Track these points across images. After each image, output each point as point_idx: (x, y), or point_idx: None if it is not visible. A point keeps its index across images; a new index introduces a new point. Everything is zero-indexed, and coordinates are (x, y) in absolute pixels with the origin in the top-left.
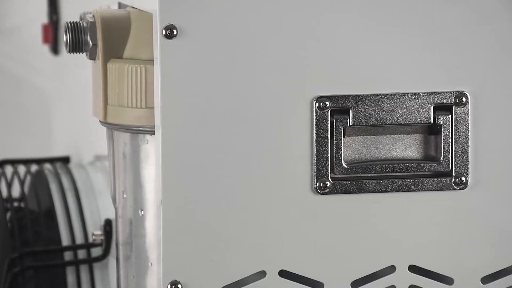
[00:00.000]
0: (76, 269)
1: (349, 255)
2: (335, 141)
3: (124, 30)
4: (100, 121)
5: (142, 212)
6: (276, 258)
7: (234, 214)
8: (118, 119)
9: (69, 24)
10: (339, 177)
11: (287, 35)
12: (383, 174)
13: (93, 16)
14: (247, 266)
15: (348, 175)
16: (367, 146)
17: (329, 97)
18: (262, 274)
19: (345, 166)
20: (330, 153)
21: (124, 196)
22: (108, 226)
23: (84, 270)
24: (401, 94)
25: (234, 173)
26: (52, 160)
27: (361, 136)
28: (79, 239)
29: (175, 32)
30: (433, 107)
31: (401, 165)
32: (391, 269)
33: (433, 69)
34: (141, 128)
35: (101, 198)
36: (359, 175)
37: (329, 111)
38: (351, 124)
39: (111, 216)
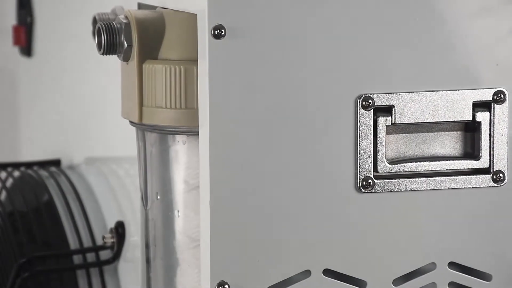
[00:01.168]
0: (86, 272)
1: (391, 253)
2: (378, 140)
3: (158, 31)
4: (131, 122)
5: (179, 213)
6: (320, 257)
7: (280, 214)
8: (155, 120)
9: (103, 26)
10: (382, 175)
11: (333, 33)
12: (423, 172)
13: (126, 17)
14: (292, 265)
15: (390, 173)
16: (406, 144)
17: (372, 96)
18: (306, 273)
19: (388, 165)
20: (373, 152)
21: (158, 197)
22: (120, 228)
23: (94, 273)
24: (442, 91)
25: (280, 172)
26: (43, 163)
27: (400, 134)
28: (86, 243)
29: (223, 32)
30: (472, 104)
31: (441, 162)
32: (431, 266)
33: (472, 66)
34: (179, 129)
35: (103, 200)
36: (400, 173)
37: (372, 110)
38: (393, 122)
39: (115, 218)
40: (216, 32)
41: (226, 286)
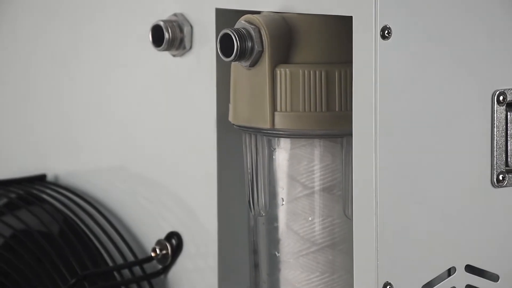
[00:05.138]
0: (138, 286)
1: None
2: (509, 134)
3: (285, 35)
4: (246, 127)
5: (310, 218)
6: (463, 253)
7: (432, 213)
8: (292, 125)
9: (235, 32)
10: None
11: (474, 31)
12: None
13: (249, 22)
14: (441, 263)
15: None
16: None
17: (506, 91)
18: (452, 270)
19: None
20: (505, 146)
21: (283, 203)
22: (175, 238)
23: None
24: None
25: (432, 171)
26: (30, 179)
27: None
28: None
29: (390, 33)
30: None
31: None
32: None
33: None
34: (315, 132)
35: (122, 212)
36: None
37: (505, 105)
38: None
39: (142, 229)
40: (384, 33)
41: (388, 287)
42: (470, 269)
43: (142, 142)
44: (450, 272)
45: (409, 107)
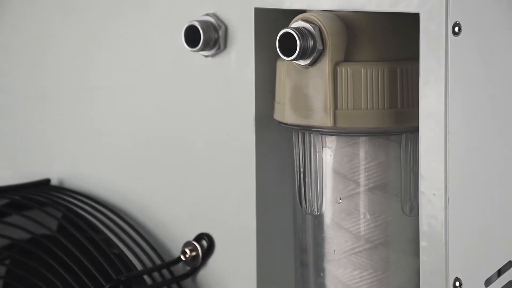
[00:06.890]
0: None
1: None
2: None
3: (343, 33)
4: (304, 126)
5: (368, 215)
6: None
7: (495, 208)
8: (353, 123)
9: (296, 32)
10: None
11: None
12: None
13: (307, 20)
14: (501, 257)
15: None
16: None
17: None
18: (509, 264)
19: None
20: None
21: (340, 201)
22: (205, 239)
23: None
24: None
25: (495, 168)
26: (35, 184)
27: None
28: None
29: (460, 29)
30: None
31: None
32: None
33: None
34: (376, 130)
35: (139, 214)
36: None
37: None
38: None
39: (162, 232)
40: (454, 29)
41: (457, 282)
42: None
43: (176, 144)
44: (500, 271)
45: (478, 104)
